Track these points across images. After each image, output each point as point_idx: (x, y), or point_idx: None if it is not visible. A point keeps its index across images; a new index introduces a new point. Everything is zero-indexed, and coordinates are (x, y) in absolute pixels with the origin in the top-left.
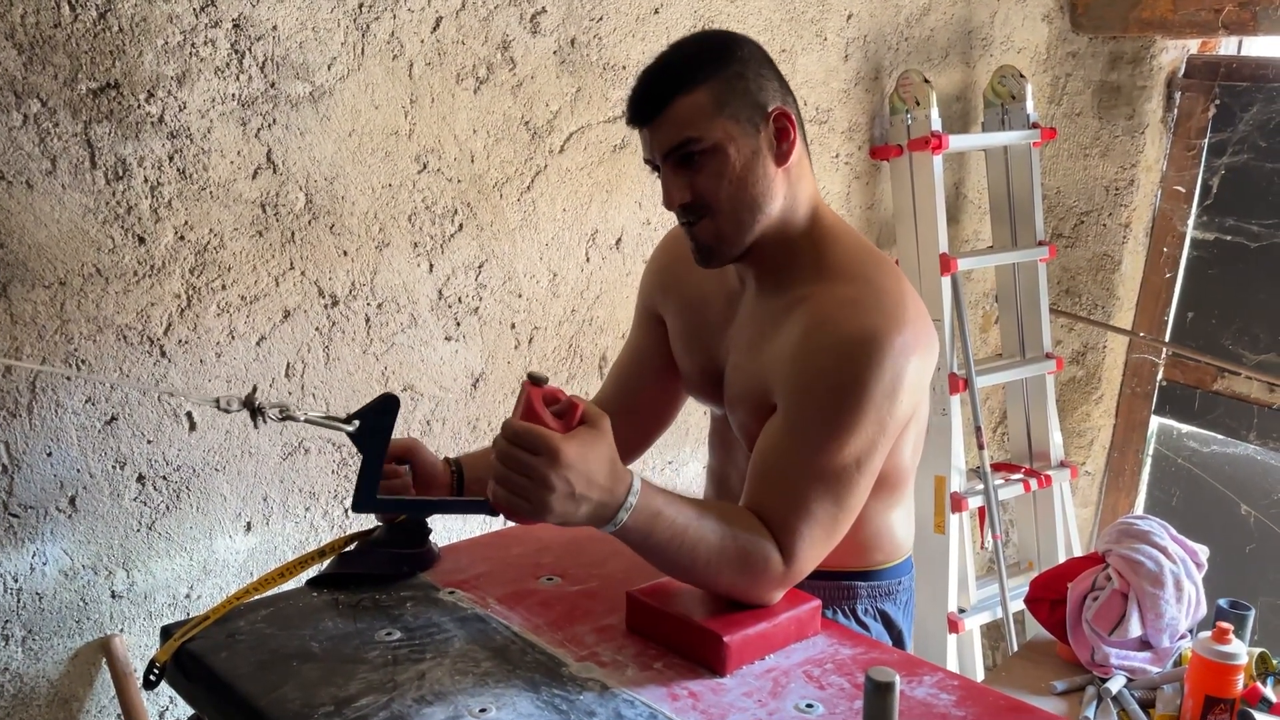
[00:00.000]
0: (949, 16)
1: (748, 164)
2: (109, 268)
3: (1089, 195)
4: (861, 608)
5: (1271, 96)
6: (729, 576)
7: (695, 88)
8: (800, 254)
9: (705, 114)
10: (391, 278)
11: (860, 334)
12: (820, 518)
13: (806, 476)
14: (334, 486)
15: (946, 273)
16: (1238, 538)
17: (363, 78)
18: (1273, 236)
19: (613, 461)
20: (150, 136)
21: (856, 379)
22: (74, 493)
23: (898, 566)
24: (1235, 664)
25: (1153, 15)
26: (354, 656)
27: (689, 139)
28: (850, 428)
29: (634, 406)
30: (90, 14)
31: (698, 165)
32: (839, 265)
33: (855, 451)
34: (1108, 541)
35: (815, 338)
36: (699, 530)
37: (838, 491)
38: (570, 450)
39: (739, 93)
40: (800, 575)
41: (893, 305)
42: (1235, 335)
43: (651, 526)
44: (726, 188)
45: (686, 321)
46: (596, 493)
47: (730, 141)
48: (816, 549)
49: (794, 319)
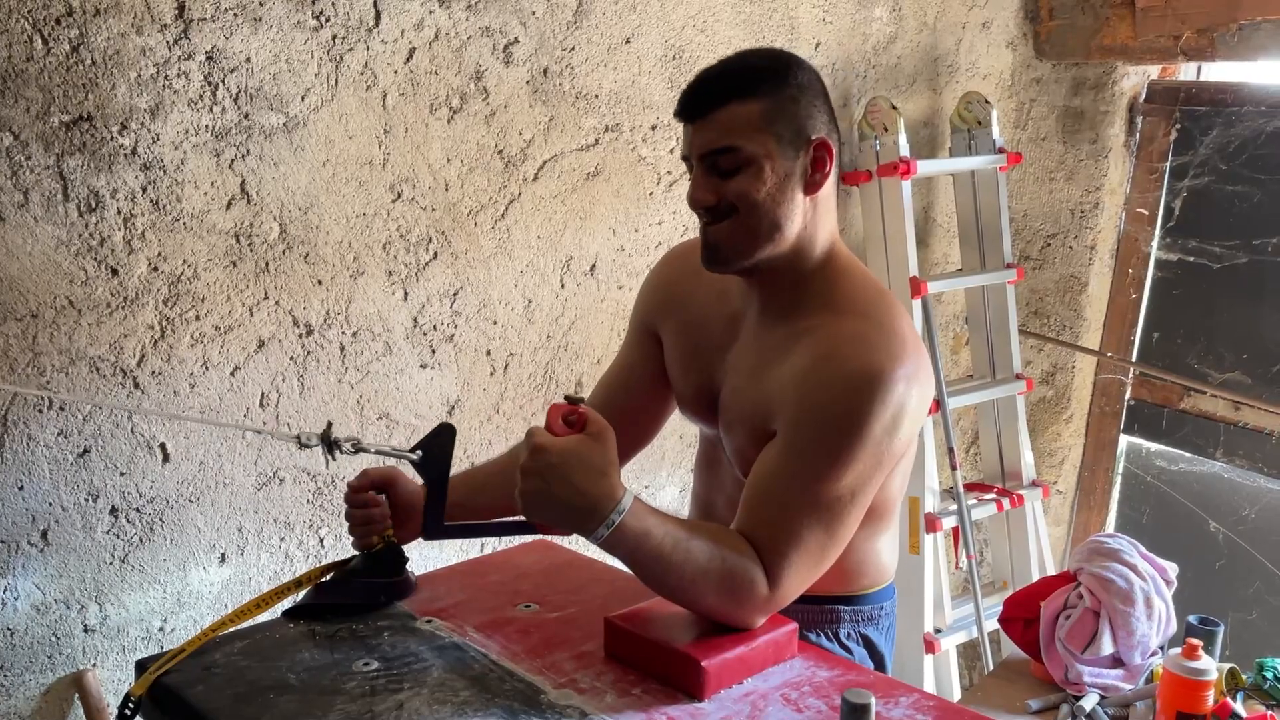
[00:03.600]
0: (915, 44)
1: (779, 184)
2: (82, 299)
3: (1055, 218)
4: (845, 632)
5: (1230, 120)
6: (713, 597)
7: (749, 99)
8: (810, 286)
9: (752, 126)
10: (366, 306)
11: (865, 370)
12: (810, 545)
13: (800, 504)
14: (309, 516)
15: (917, 295)
16: (1207, 554)
17: (336, 108)
18: (1234, 257)
19: (603, 471)
20: (123, 168)
21: (859, 413)
22: (46, 526)
23: (881, 592)
24: (1205, 680)
25: (1114, 42)
26: (332, 688)
27: (730, 146)
28: (848, 460)
29: (618, 420)
30: (63, 47)
31: (732, 173)
32: (848, 300)
33: (851, 483)
34: (1079, 560)
35: (821, 370)
36: (687, 549)
37: (829, 521)
38: (553, 448)
39: (789, 115)
40: (784, 601)
41: (898, 344)
42: (1200, 354)
43: (639, 545)
44: (752, 202)
45: (685, 339)
46: (577, 499)
47: (768, 158)
48: (802, 576)
49: (800, 349)
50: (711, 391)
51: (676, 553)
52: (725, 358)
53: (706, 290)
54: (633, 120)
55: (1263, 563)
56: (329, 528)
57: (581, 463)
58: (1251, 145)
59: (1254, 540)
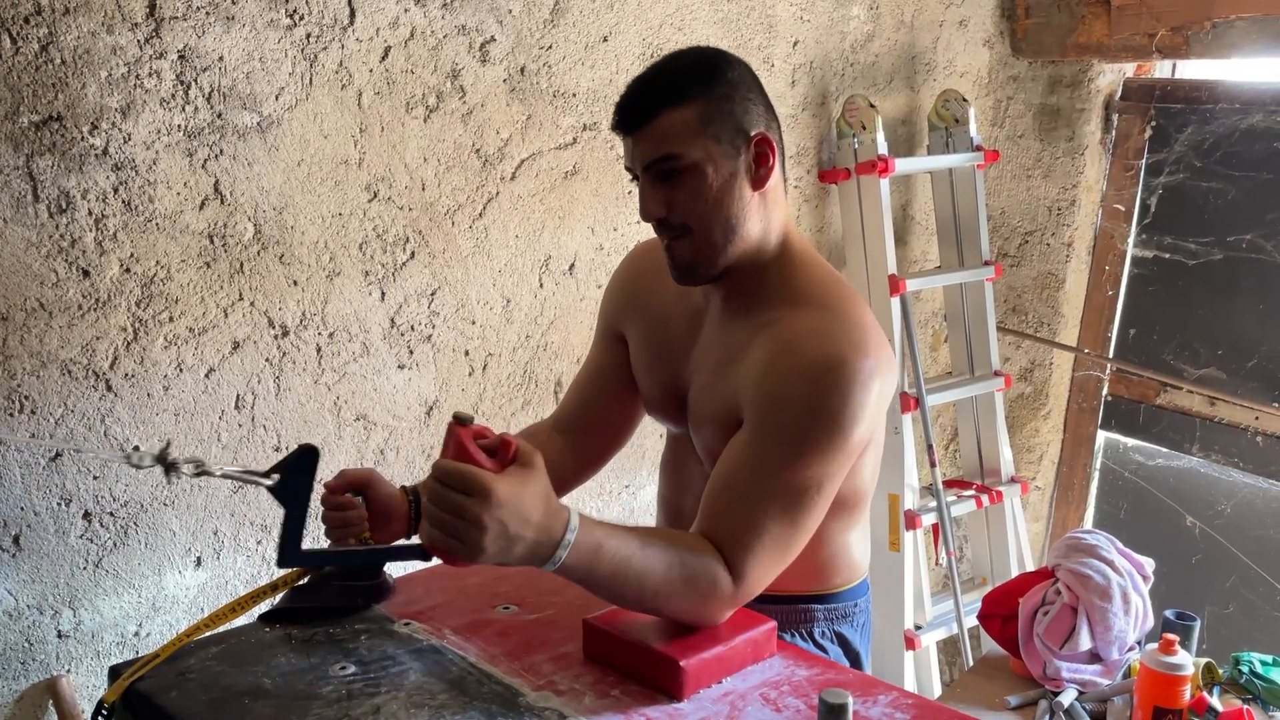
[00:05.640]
0: (893, 42)
1: (725, 185)
2: (52, 302)
3: (1032, 215)
4: (819, 630)
5: (1205, 118)
6: (677, 602)
7: (682, 104)
8: (769, 279)
9: (689, 131)
10: (343, 307)
11: (826, 360)
12: (773, 536)
13: (763, 494)
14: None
15: (895, 293)
16: (1183, 549)
17: (311, 107)
18: (1209, 254)
19: (547, 499)
20: (94, 169)
21: (822, 403)
22: (18, 531)
23: (854, 589)
24: (1182, 675)
25: (1089, 40)
26: (308, 692)
27: (670, 154)
28: (812, 450)
29: (592, 423)
30: (32, 46)
31: (676, 181)
32: (807, 292)
33: (815, 474)
34: (1056, 556)
35: (782, 361)
36: (643, 560)
37: (793, 512)
38: (503, 489)
39: (724, 114)
40: (749, 595)
41: (859, 333)
42: (1176, 350)
43: (593, 562)
44: (702, 207)
45: (649, 340)
46: (531, 531)
47: (710, 161)
48: (767, 568)
49: (761, 342)
50: (677, 390)
51: (633, 564)
52: (689, 355)
53: (668, 288)
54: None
55: (1238, 557)
56: (306, 530)
57: (532, 497)
58: (1226, 142)
59: (1230, 535)
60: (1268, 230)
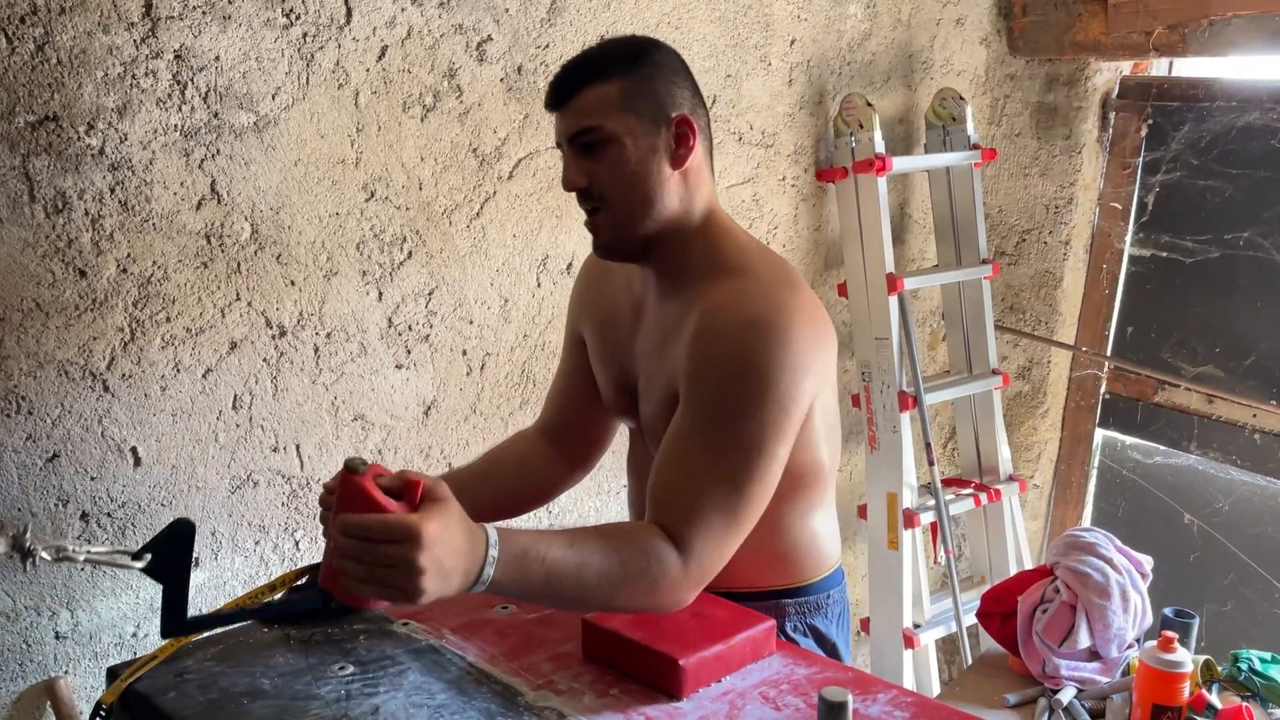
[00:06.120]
0: (890, 41)
1: (643, 160)
2: (49, 302)
3: (1030, 214)
4: (790, 625)
5: (1202, 116)
6: (627, 592)
7: (605, 80)
8: (695, 254)
9: (610, 106)
10: (340, 306)
11: (748, 318)
12: (718, 504)
13: (702, 463)
14: (284, 519)
15: (893, 292)
16: (1181, 547)
17: (308, 107)
18: (1206, 252)
19: (465, 523)
20: (91, 169)
21: (746, 360)
22: (15, 532)
23: (825, 580)
24: (1181, 672)
25: (1086, 38)
26: (306, 693)
27: (590, 127)
28: (743, 409)
29: (572, 427)
30: (28, 46)
31: (597, 154)
32: (730, 262)
33: (752, 434)
34: (1055, 554)
35: (706, 329)
36: (578, 557)
37: (736, 476)
38: (431, 528)
39: (645, 93)
40: (705, 571)
41: (779, 294)
42: (1174, 348)
43: (522, 570)
44: (620, 179)
45: (601, 337)
46: (463, 560)
47: (629, 136)
48: (717, 539)
49: (690, 316)
50: (628, 383)
51: (567, 563)
52: (634, 345)
53: (616, 287)
54: None
55: (1237, 555)
56: (304, 530)
57: (455, 527)
58: (1223, 140)
59: (1228, 532)
60: (1265, 228)
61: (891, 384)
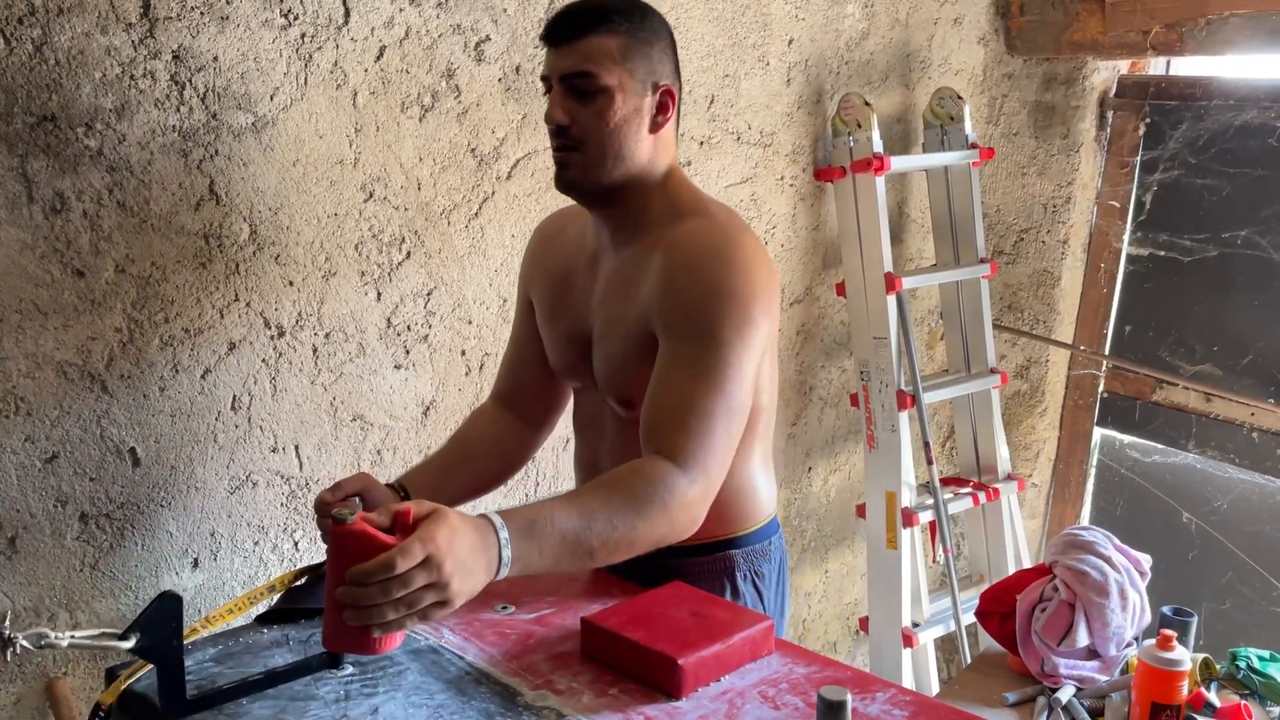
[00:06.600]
0: (888, 40)
1: (627, 116)
2: (47, 303)
3: (1028, 213)
4: (740, 575)
5: (1199, 115)
6: (645, 524)
7: (611, 32)
8: (652, 204)
9: (611, 57)
10: (339, 307)
11: (713, 248)
12: (713, 413)
13: (690, 382)
14: (283, 520)
15: (891, 291)
16: (1180, 545)
17: (306, 107)
18: (1205, 250)
19: (467, 519)
20: (89, 169)
21: (716, 285)
22: (13, 533)
23: (765, 527)
24: (1179, 670)
25: (1084, 37)
26: (305, 693)
27: (588, 72)
28: (718, 327)
29: (529, 391)
30: (26, 47)
31: (586, 100)
32: (687, 206)
33: (730, 348)
34: (1054, 553)
35: (675, 263)
36: (584, 507)
37: (724, 387)
38: (440, 538)
39: (643, 55)
40: (711, 480)
41: (736, 232)
42: (1172, 347)
43: (536, 539)
44: (602, 128)
45: (551, 294)
46: (480, 553)
47: (621, 90)
48: (716, 449)
49: (654, 259)
50: (582, 336)
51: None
52: (590, 299)
53: (567, 244)
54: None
55: (1235, 553)
56: (304, 531)
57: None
58: (1220, 139)
59: (1226, 531)
60: (1262, 226)
61: (890, 383)
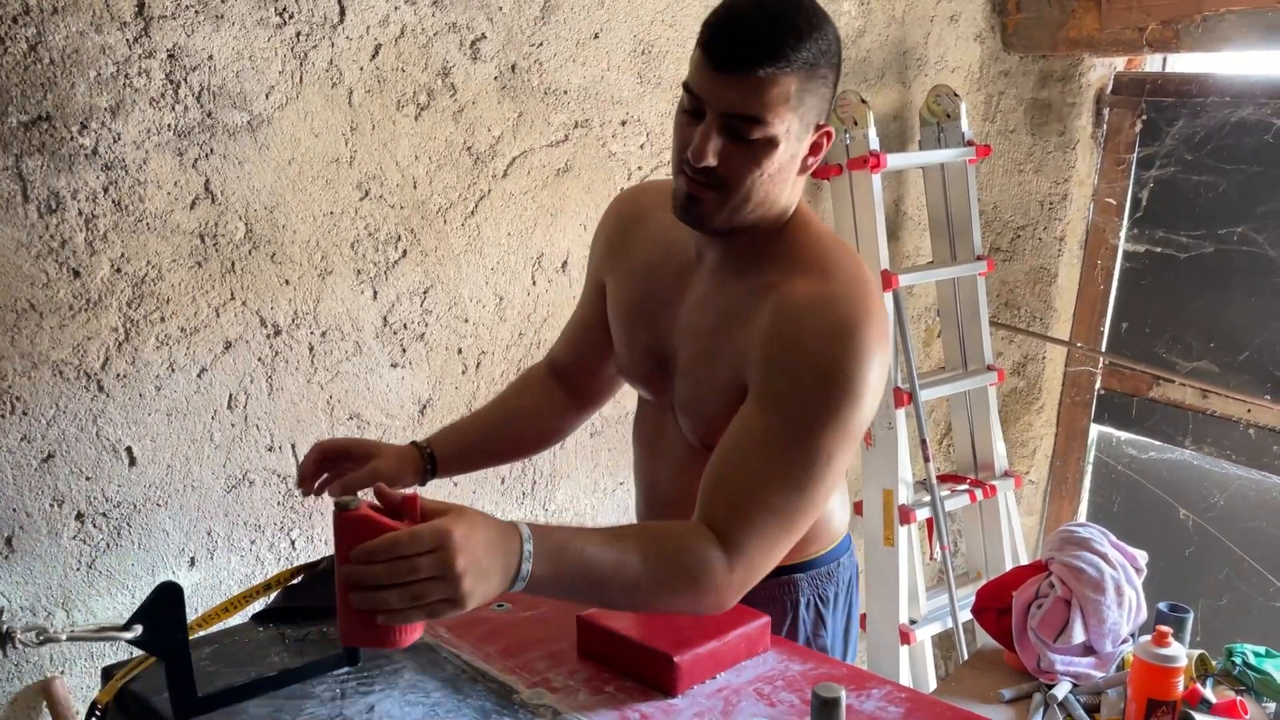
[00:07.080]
0: (884, 38)
1: (784, 165)
2: (43, 302)
3: (1024, 210)
4: (804, 600)
5: (1195, 111)
6: (669, 592)
7: (788, 68)
8: (775, 243)
9: (785, 103)
10: (335, 305)
11: (839, 325)
12: (778, 510)
13: (771, 464)
14: (279, 519)
15: (888, 288)
16: (1176, 541)
17: (302, 106)
18: (1201, 247)
19: (490, 519)
20: (84, 169)
21: (837, 369)
22: (10, 533)
23: (835, 549)
24: (1175, 666)
25: (1080, 34)
26: (302, 691)
27: (756, 118)
28: (826, 417)
29: (586, 370)
30: (20, 46)
31: (744, 143)
32: (811, 257)
33: (826, 443)
34: (1050, 549)
35: (790, 328)
36: (617, 553)
37: (802, 484)
38: (458, 529)
39: (815, 95)
40: (752, 574)
41: (863, 298)
42: (1168, 344)
43: (561, 565)
44: (754, 175)
45: (630, 292)
46: (500, 557)
47: (785, 139)
48: (769, 545)
49: (764, 305)
50: (660, 351)
51: (606, 558)
52: (676, 314)
53: (655, 237)
54: (602, 116)
55: (1231, 549)
56: (300, 530)
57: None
58: (1216, 136)
59: (1223, 527)
60: (1259, 223)
61: (887, 379)
